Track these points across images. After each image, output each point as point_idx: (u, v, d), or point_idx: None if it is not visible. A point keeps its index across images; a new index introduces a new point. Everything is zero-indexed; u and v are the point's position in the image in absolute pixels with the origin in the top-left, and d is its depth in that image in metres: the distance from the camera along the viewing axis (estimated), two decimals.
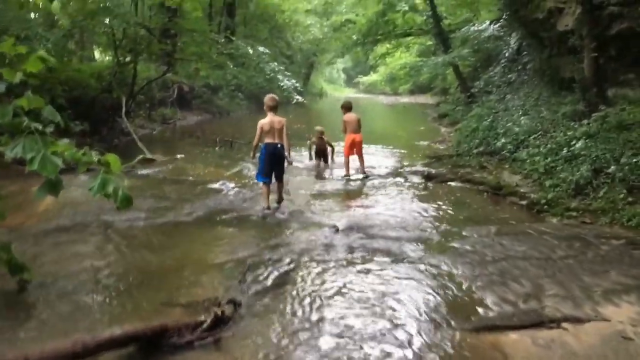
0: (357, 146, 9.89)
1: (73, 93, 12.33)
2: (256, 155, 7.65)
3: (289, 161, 7.67)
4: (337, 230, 6.27)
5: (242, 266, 5.03)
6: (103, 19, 13.61)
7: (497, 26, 18.96)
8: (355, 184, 9.34)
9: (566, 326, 3.80)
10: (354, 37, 28.02)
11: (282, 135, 7.29)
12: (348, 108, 10.10)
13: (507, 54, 18.50)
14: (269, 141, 7.26)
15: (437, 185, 9.06)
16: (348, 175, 9.76)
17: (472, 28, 20.45)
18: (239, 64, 18.49)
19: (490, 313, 4.09)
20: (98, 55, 20.47)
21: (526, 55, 16.57)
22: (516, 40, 17.81)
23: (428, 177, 9.48)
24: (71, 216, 6.79)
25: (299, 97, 17.11)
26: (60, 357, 3.18)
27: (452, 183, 9.14)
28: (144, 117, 17.50)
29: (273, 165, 7.32)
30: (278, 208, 7.34)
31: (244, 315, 4.02)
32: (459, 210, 7.42)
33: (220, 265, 5.18)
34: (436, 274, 4.92)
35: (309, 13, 36.45)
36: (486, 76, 19.23)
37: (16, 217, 6.74)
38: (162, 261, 5.30)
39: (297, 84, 17.94)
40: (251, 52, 16.72)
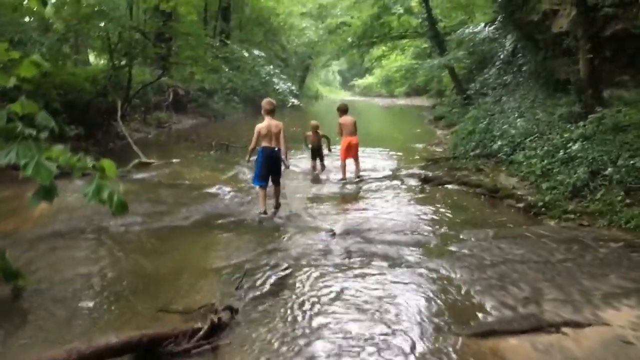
0: (353, 149, 9.86)
1: (68, 97, 12.28)
2: (251, 158, 7.63)
3: (286, 165, 7.65)
4: (334, 234, 6.25)
5: (239, 271, 4.99)
6: (98, 23, 13.56)
7: (492, 28, 19.00)
8: (351, 187, 9.32)
9: (566, 331, 3.77)
10: (349, 40, 28.04)
11: (279, 139, 7.28)
12: (344, 111, 10.08)
13: (502, 56, 18.54)
14: (266, 145, 7.25)
15: (434, 188, 9.04)
16: (344, 178, 9.73)
17: (467, 30, 20.49)
18: (234, 68, 18.48)
19: (489, 318, 4.06)
20: (93, 59, 20.39)
21: (521, 57, 16.61)
22: (511, 42, 17.84)
23: (425, 180, 9.45)
24: (66, 221, 6.75)
25: (295, 100, 17.14)
26: None
27: (449, 186, 9.12)
28: (139, 121, 17.44)
29: (270, 169, 7.30)
30: (275, 213, 7.30)
31: (241, 322, 3.98)
32: (456, 213, 7.40)
33: (216, 270, 5.14)
34: (434, 279, 4.89)
35: (304, 16, 36.41)
36: (481, 78, 19.24)
37: (10, 223, 6.70)
38: (158, 267, 5.26)
39: (293, 87, 17.98)
40: (246, 56, 16.75)
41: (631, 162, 7.07)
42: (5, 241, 5.56)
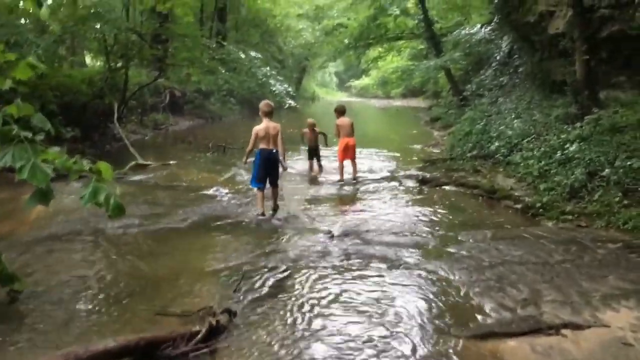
0: (351, 150, 9.85)
1: (64, 99, 12.24)
2: (248, 160, 7.62)
3: (284, 167, 7.64)
4: (333, 236, 6.23)
5: (237, 274, 4.98)
6: (94, 25, 13.51)
7: (488, 29, 19.02)
8: (349, 189, 9.31)
9: (565, 332, 3.76)
10: (346, 41, 28.02)
11: (277, 141, 7.27)
12: (341, 112, 10.08)
13: (499, 57, 18.56)
14: (264, 147, 7.25)
15: (432, 189, 9.04)
16: (342, 180, 9.72)
17: (464, 31, 20.53)
18: (231, 69, 18.44)
19: (488, 320, 4.05)
20: (89, 60, 20.31)
21: (517, 58, 16.63)
22: (507, 43, 17.86)
23: (422, 181, 9.45)
24: (63, 223, 6.72)
25: (292, 102, 17.12)
26: None
27: (447, 187, 9.12)
28: (136, 123, 17.39)
29: (267, 170, 7.30)
30: (273, 215, 7.28)
31: (240, 324, 3.96)
32: (454, 214, 7.40)
33: (214, 273, 5.12)
34: (433, 280, 4.88)
35: (301, 17, 36.45)
36: (478, 79, 19.27)
37: (6, 225, 6.67)
38: (156, 269, 5.23)
39: (290, 89, 17.95)
40: (243, 57, 16.73)
41: (628, 163, 7.08)
42: (1, 244, 5.53)
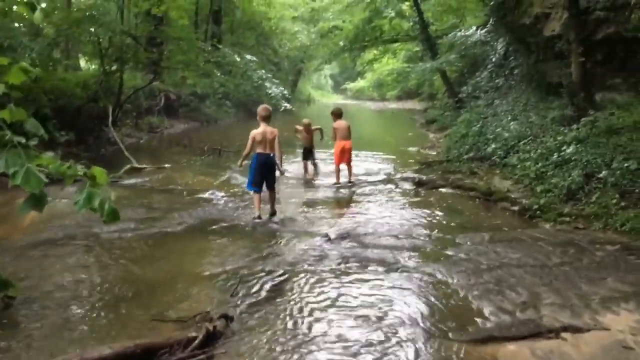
0: (347, 153, 9.82)
1: (58, 102, 12.17)
2: (244, 163, 7.60)
3: (281, 171, 7.62)
4: (329, 239, 6.20)
5: (234, 278, 4.94)
6: (88, 28, 13.47)
7: (484, 31, 19.02)
8: (345, 192, 9.28)
9: (565, 336, 3.73)
10: (341, 44, 28.03)
11: (274, 145, 7.26)
12: (338, 115, 10.05)
13: (494, 59, 18.58)
14: (261, 151, 7.25)
15: (428, 191, 9.02)
16: (338, 182, 9.69)
17: (459, 33, 20.51)
18: (226, 72, 18.40)
19: (487, 323, 4.02)
20: (84, 64, 20.23)
21: (513, 60, 16.64)
22: (503, 45, 17.88)
23: (419, 184, 9.44)
24: (58, 228, 6.66)
25: (287, 105, 17.07)
26: None
27: (443, 189, 9.11)
28: (131, 126, 17.32)
29: (264, 175, 7.28)
30: (271, 219, 7.24)
31: (237, 330, 3.92)
32: (451, 217, 7.37)
33: (211, 277, 5.07)
34: (431, 284, 4.85)
35: (296, 20, 36.40)
36: (473, 81, 19.28)
37: (0, 230, 6.61)
38: (152, 274, 5.18)
39: (285, 91, 17.89)
40: (238, 60, 16.67)
41: (625, 165, 7.08)
42: None
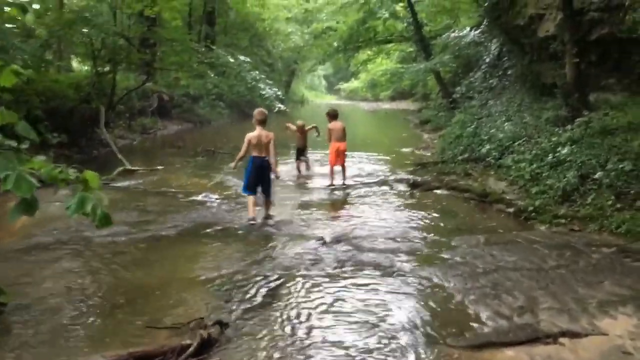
0: (341, 155, 9.77)
1: (50, 104, 12.07)
2: (238, 165, 7.56)
3: (276, 175, 7.58)
4: (325, 242, 6.15)
5: (229, 283, 4.89)
6: (81, 29, 13.37)
7: (478, 32, 19.01)
8: (340, 194, 9.24)
9: (563, 341, 3.70)
10: (335, 44, 28.06)
11: (269, 149, 7.23)
12: (333, 116, 10.00)
13: (488, 60, 18.56)
14: (256, 155, 7.24)
15: (423, 193, 8.99)
16: (333, 184, 9.65)
17: (453, 34, 20.53)
18: (220, 73, 18.33)
19: (484, 328, 3.98)
20: (76, 65, 20.10)
21: (507, 61, 16.64)
22: (497, 46, 17.87)
23: (413, 185, 9.41)
24: (50, 232, 6.57)
25: (281, 105, 17.01)
26: None
27: (438, 191, 9.08)
28: (124, 128, 17.20)
29: (259, 178, 7.26)
30: (265, 222, 7.19)
31: (232, 336, 3.86)
32: (447, 219, 7.34)
33: (205, 282, 5.01)
34: (428, 288, 4.81)
35: (290, 21, 36.37)
36: (467, 82, 19.25)
37: None
38: (145, 279, 5.12)
39: (279, 92, 17.85)
40: (232, 61, 16.61)
41: (620, 166, 7.07)
42: None
